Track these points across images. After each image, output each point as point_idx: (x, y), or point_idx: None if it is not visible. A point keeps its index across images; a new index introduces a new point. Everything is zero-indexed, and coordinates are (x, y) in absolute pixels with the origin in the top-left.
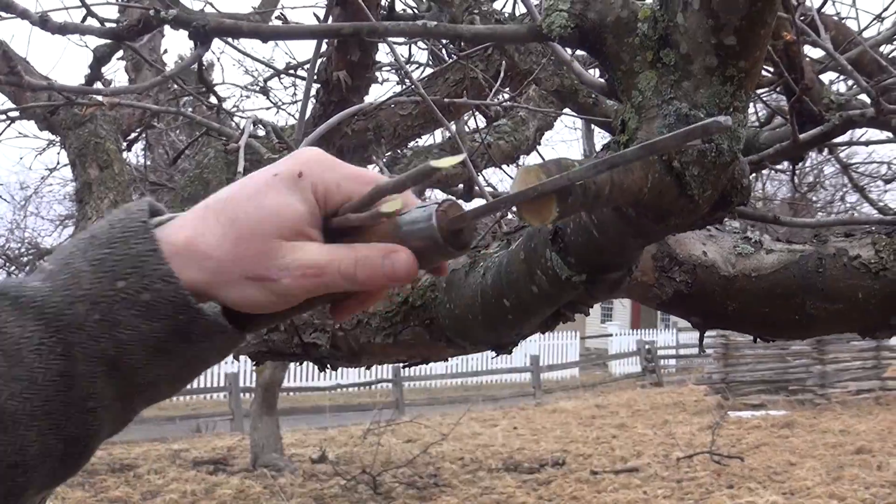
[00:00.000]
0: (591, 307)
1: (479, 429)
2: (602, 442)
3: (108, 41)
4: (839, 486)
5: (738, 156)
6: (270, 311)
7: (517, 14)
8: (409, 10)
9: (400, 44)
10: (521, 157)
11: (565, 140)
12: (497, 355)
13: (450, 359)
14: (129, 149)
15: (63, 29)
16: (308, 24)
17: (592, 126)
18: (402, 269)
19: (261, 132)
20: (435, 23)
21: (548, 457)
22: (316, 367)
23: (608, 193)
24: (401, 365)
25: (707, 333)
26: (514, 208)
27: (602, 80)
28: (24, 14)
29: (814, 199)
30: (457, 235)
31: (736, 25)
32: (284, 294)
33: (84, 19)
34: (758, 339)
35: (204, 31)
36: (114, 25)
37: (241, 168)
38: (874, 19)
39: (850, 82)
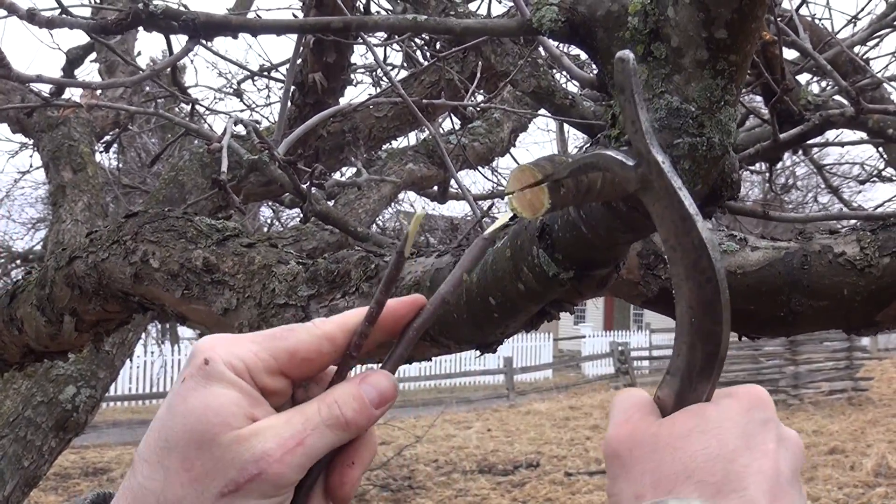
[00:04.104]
0: (577, 305)
1: (452, 431)
2: (576, 443)
3: (83, 43)
4: (813, 487)
5: (728, 150)
6: None
7: (491, 16)
8: (384, 13)
9: (377, 45)
10: (496, 158)
11: (538, 142)
12: (481, 354)
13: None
14: (106, 151)
15: (50, 23)
16: (298, 18)
17: (566, 127)
18: (386, 385)
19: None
20: (425, 17)
21: (522, 458)
22: None
23: (600, 187)
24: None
25: None
26: (507, 198)
27: (591, 76)
28: (10, 8)
29: (786, 199)
30: None
31: (727, 19)
32: (278, 482)
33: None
34: (742, 338)
35: (194, 26)
36: (101, 20)
37: (224, 167)
38: (849, 22)
39: (824, 83)
